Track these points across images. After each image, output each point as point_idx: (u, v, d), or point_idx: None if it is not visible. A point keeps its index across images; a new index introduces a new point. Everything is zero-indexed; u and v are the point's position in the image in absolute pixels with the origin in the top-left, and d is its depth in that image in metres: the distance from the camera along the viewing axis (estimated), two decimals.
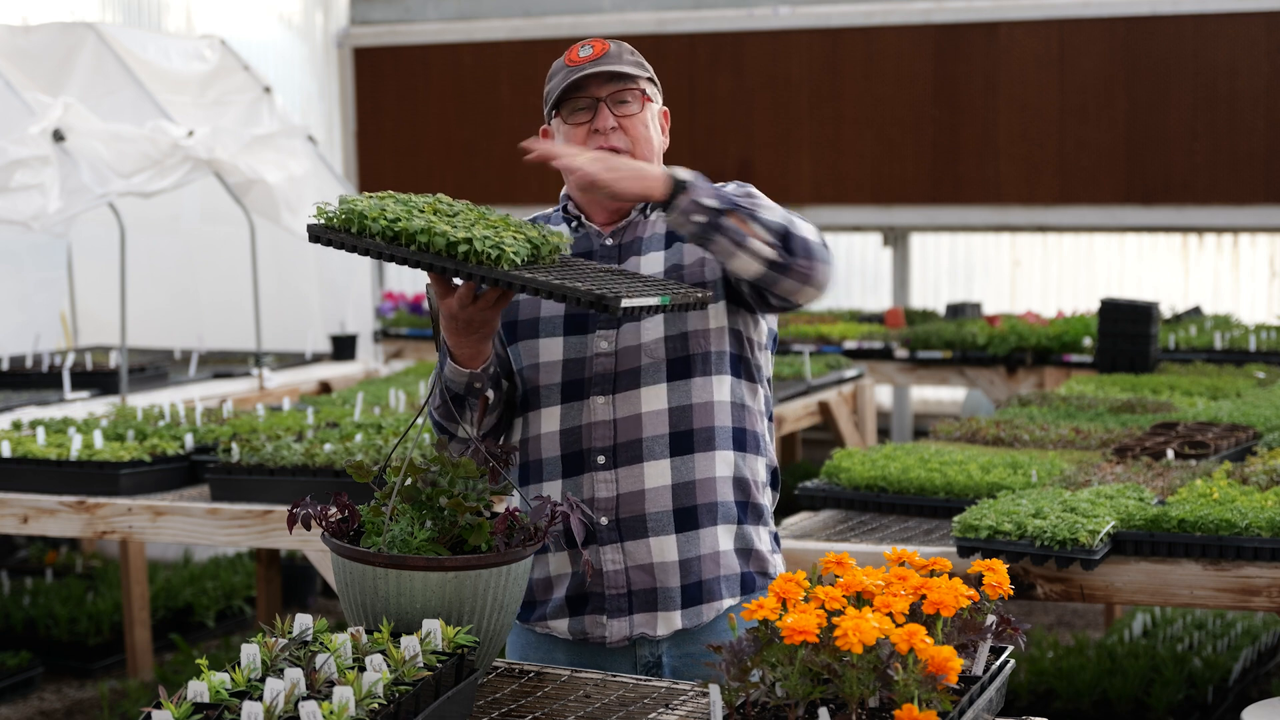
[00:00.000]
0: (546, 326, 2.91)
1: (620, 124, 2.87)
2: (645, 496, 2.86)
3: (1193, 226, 10.21)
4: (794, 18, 10.76)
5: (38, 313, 7.50)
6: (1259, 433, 5.00)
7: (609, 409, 2.86)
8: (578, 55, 2.91)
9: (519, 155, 2.98)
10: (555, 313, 2.91)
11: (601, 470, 2.86)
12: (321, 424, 5.26)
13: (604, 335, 2.87)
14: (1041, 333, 7.67)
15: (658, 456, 2.85)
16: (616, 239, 2.94)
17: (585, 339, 2.89)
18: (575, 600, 2.91)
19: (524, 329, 2.94)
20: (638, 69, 2.91)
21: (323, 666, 2.27)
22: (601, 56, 2.88)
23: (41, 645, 6.73)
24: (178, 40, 8.12)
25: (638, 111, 2.88)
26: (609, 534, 2.87)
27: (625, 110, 2.88)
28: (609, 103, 2.87)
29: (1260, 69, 9.79)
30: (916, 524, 4.34)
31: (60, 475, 4.74)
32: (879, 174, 10.64)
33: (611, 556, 2.87)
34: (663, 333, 2.86)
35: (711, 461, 2.87)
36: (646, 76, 2.92)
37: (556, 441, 2.89)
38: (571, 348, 2.89)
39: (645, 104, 2.90)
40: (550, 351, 2.90)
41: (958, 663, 2.11)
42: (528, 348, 2.92)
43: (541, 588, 2.96)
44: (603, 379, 2.87)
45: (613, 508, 2.87)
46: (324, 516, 2.69)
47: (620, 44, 2.94)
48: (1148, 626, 6.40)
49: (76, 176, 6.40)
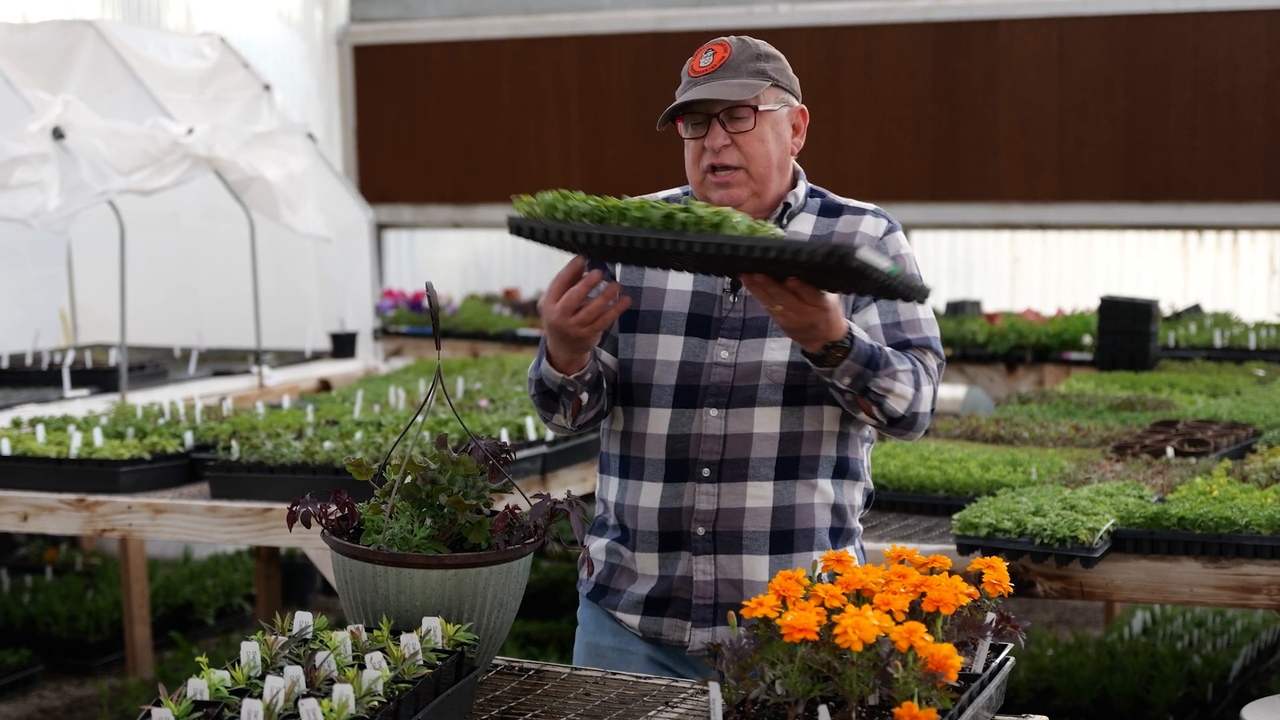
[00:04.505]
0: (669, 323, 2.89)
1: (734, 140, 2.82)
2: (745, 515, 2.86)
3: (1192, 224, 10.21)
4: (794, 15, 10.76)
5: (37, 310, 7.50)
6: (1259, 430, 5.00)
7: (721, 423, 2.85)
8: (699, 64, 2.87)
9: (519, 152, 2.96)
10: (679, 309, 2.89)
11: (705, 483, 2.85)
12: (321, 422, 5.26)
13: (725, 345, 2.85)
14: (1041, 330, 7.67)
15: (762, 478, 2.85)
16: None
17: (705, 344, 2.87)
18: (658, 602, 2.91)
19: (645, 321, 2.91)
20: (757, 78, 2.84)
21: (323, 664, 2.27)
22: (720, 68, 2.83)
23: (41, 643, 6.73)
24: (177, 38, 8.12)
25: (751, 128, 2.82)
26: (703, 544, 2.87)
27: (739, 127, 2.83)
28: (723, 119, 2.83)
29: (1260, 66, 9.79)
30: (916, 522, 4.34)
31: (60, 473, 4.74)
32: (879, 171, 10.64)
33: (703, 567, 2.87)
34: (787, 358, 2.83)
35: (812, 490, 2.88)
36: (770, 84, 2.85)
37: (663, 445, 2.88)
38: (690, 350, 2.87)
39: (762, 117, 2.83)
40: (669, 350, 2.88)
41: (957, 660, 2.11)
42: (645, 341, 2.90)
43: (621, 577, 2.96)
44: (719, 390, 2.85)
45: (711, 520, 2.86)
46: (324, 514, 2.69)
47: (745, 44, 2.88)
48: (1147, 624, 6.40)
49: (76, 174, 6.39)
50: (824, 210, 2.96)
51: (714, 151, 2.82)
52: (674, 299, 2.89)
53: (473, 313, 9.28)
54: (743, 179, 2.84)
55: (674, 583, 2.90)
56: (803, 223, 2.92)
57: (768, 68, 2.86)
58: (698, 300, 2.88)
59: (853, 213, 2.95)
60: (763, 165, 2.84)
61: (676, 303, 2.88)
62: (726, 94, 2.80)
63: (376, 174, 11.88)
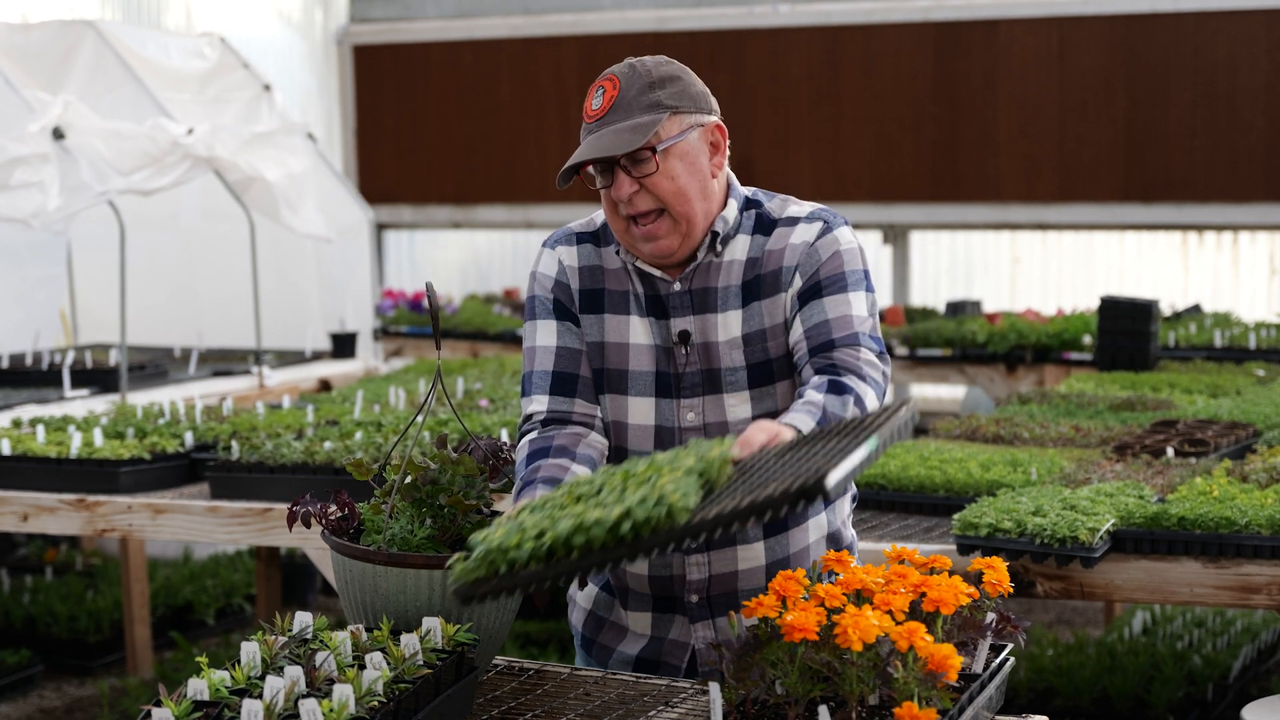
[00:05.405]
0: (636, 384, 2.76)
1: (642, 184, 2.63)
2: (738, 577, 2.79)
3: (1192, 224, 10.21)
4: (794, 15, 10.75)
5: (37, 310, 7.50)
6: (1259, 430, 5.00)
7: None
8: (590, 107, 2.66)
9: (519, 153, 2.92)
10: (644, 368, 2.76)
11: (693, 553, 2.78)
12: (321, 422, 5.26)
13: (690, 405, 2.74)
14: (1041, 330, 7.67)
15: (751, 540, 2.78)
16: (686, 284, 2.73)
17: (673, 405, 2.75)
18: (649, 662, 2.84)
19: (613, 380, 2.78)
20: (651, 113, 2.61)
21: (323, 664, 2.27)
22: (610, 109, 2.62)
23: (41, 643, 6.73)
24: (177, 38, 8.12)
25: (656, 170, 2.61)
26: (699, 610, 2.80)
27: (643, 170, 2.62)
28: (625, 164, 2.62)
29: (1260, 66, 9.79)
30: (916, 522, 4.34)
31: (60, 473, 4.74)
32: (878, 171, 10.64)
33: (702, 634, 2.81)
34: (750, 414, 2.72)
35: (805, 533, 2.81)
36: (669, 114, 2.62)
37: None
38: (662, 414, 2.76)
39: (667, 153, 2.61)
40: (641, 413, 2.77)
41: (957, 660, 2.11)
42: (616, 403, 2.78)
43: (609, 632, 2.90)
44: None
45: (704, 589, 2.79)
46: (324, 514, 2.69)
47: (635, 73, 2.64)
48: (1147, 624, 6.40)
49: (76, 174, 6.39)
50: (758, 227, 2.75)
51: (625, 202, 2.64)
52: (637, 355, 2.75)
53: (473, 313, 9.28)
54: (667, 226, 2.65)
55: (665, 645, 2.84)
56: (737, 248, 2.73)
57: (663, 96, 2.63)
58: (658, 356, 2.75)
59: (786, 224, 2.73)
60: (680, 203, 2.63)
61: (640, 360, 2.75)
62: (616, 146, 2.59)
63: (376, 174, 11.88)
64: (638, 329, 2.76)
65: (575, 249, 2.81)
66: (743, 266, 2.73)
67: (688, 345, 2.74)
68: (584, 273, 2.80)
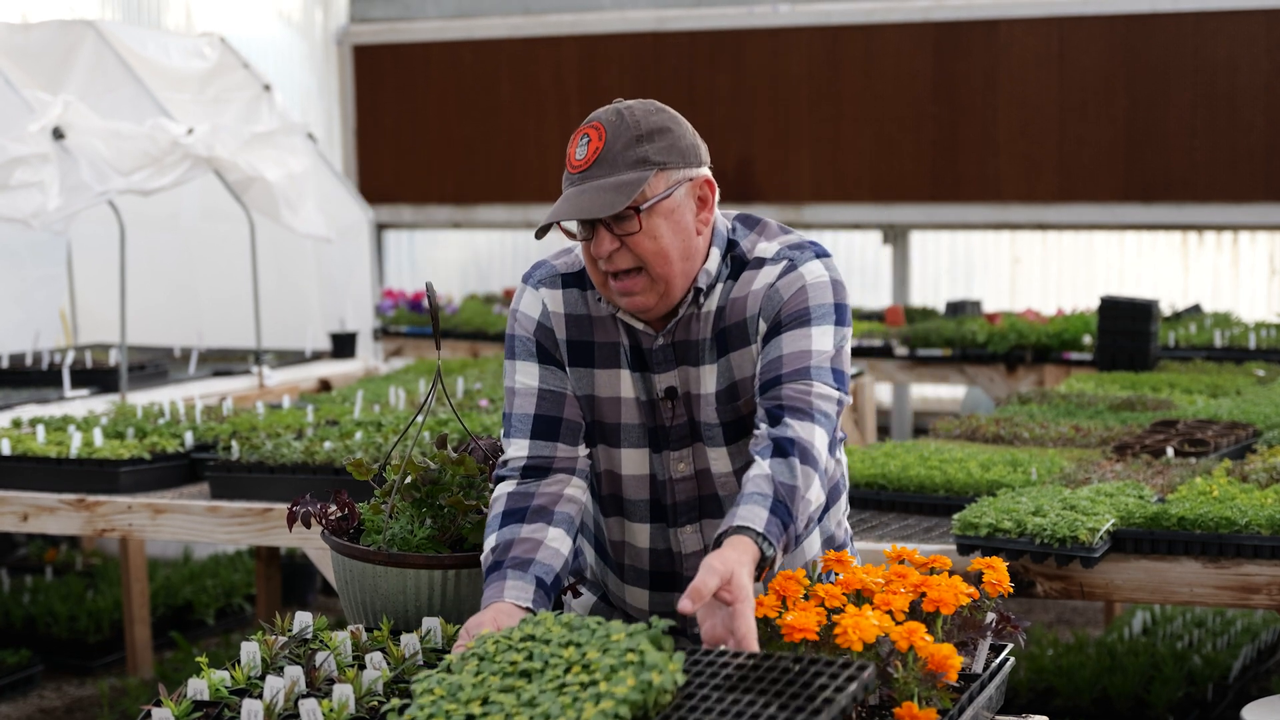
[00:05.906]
0: (628, 436, 2.71)
1: (624, 242, 2.52)
2: None
3: (1192, 224, 10.21)
4: (794, 15, 10.75)
5: (37, 310, 7.50)
6: (1259, 430, 5.00)
7: (697, 537, 2.73)
8: (574, 156, 2.54)
9: (518, 153, 2.89)
10: (634, 420, 2.70)
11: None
12: (321, 422, 5.26)
13: (681, 456, 2.69)
14: (1041, 330, 7.67)
15: None
16: (669, 338, 2.65)
17: (664, 457, 2.70)
18: None
19: (606, 433, 2.72)
20: (637, 169, 2.50)
21: (323, 664, 2.27)
22: (594, 163, 2.50)
23: (41, 643, 6.73)
24: (177, 38, 8.12)
25: (639, 229, 2.51)
26: None
27: (625, 229, 2.52)
28: (607, 221, 2.51)
29: (1260, 66, 9.79)
30: (916, 522, 4.34)
31: (60, 473, 4.74)
32: (879, 171, 10.64)
33: None
34: (731, 467, 2.68)
35: (802, 548, 2.77)
36: (655, 170, 2.51)
37: (645, 557, 2.78)
38: (655, 465, 2.71)
39: (651, 213, 2.51)
40: (635, 465, 2.72)
41: (957, 660, 2.11)
42: (608, 455, 2.73)
43: None
44: (688, 508, 2.72)
45: None
46: (324, 514, 2.69)
47: (623, 122, 2.52)
48: (1147, 624, 6.40)
49: (76, 174, 6.39)
50: (733, 271, 2.65)
51: (605, 259, 2.53)
52: (628, 410, 2.69)
53: (473, 313, 9.28)
54: (644, 284, 2.55)
55: None
56: (715, 296, 2.64)
57: (650, 151, 2.51)
58: (644, 410, 2.69)
59: (753, 267, 2.64)
60: (660, 264, 2.53)
61: (630, 414, 2.69)
62: (597, 208, 2.46)
63: (376, 174, 11.88)
64: (627, 383, 2.68)
65: (560, 294, 2.70)
66: (713, 317, 2.65)
67: (674, 400, 2.68)
68: (570, 322, 2.70)
